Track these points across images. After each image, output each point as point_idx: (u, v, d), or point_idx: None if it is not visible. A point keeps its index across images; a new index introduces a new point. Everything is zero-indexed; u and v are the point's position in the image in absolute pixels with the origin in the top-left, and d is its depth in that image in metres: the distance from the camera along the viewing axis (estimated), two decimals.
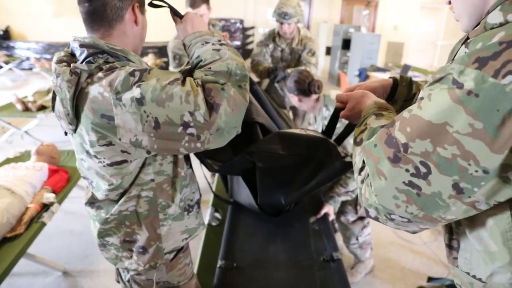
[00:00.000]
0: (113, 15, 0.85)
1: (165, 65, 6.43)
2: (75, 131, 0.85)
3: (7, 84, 6.81)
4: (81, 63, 0.81)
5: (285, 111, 1.88)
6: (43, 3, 7.99)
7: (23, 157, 2.61)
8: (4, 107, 3.79)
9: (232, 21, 8.50)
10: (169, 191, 0.99)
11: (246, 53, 8.70)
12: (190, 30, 0.93)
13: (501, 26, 0.51)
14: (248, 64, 2.50)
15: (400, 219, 0.57)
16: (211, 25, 2.57)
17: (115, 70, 0.79)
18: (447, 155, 0.49)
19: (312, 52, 2.72)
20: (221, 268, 1.42)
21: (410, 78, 0.94)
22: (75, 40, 0.85)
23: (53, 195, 1.98)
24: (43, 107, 3.72)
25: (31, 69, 7.65)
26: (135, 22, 0.89)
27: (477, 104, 0.46)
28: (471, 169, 0.48)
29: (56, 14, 8.11)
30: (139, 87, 0.76)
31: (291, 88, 1.89)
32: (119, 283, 1.13)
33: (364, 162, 0.62)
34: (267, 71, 2.73)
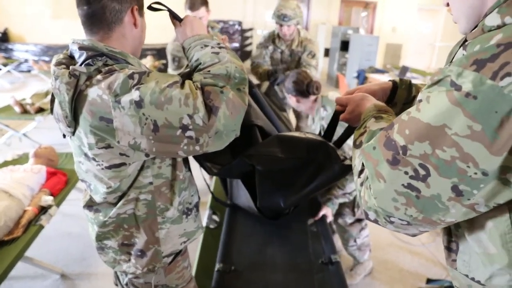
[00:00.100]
0: (112, 18, 0.84)
1: (163, 67, 6.43)
2: (73, 133, 0.85)
3: (5, 86, 6.79)
4: (80, 65, 0.81)
5: (285, 114, 1.88)
6: (42, 5, 7.99)
7: (21, 159, 2.59)
8: (2, 110, 3.77)
9: (230, 23, 8.51)
10: (168, 194, 0.98)
11: (244, 55, 8.71)
12: (189, 33, 0.93)
13: (498, 28, 0.51)
14: (248, 66, 2.50)
15: (399, 222, 0.57)
16: (210, 27, 2.57)
17: (114, 72, 0.78)
18: (446, 157, 0.49)
19: (312, 54, 2.72)
20: (219, 271, 1.42)
21: (409, 81, 0.94)
22: (74, 42, 0.85)
23: (51, 198, 1.97)
24: (41, 110, 3.71)
25: (30, 71, 7.63)
26: (134, 24, 0.89)
27: (475, 106, 0.46)
28: (470, 171, 0.48)
29: (54, 16, 8.10)
30: (138, 89, 0.76)
31: (289, 89, 1.89)
32: (117, 286, 1.13)
33: (363, 164, 0.62)
34: (267, 74, 2.72)
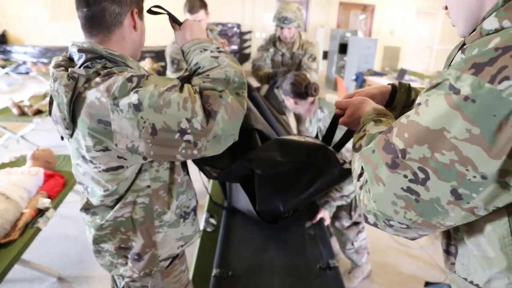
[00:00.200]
0: (112, 21, 0.84)
1: (162, 70, 6.43)
2: (71, 136, 0.85)
3: (4, 88, 6.78)
4: (79, 68, 0.81)
5: (284, 117, 1.88)
6: (40, 7, 7.98)
7: (19, 162, 2.58)
8: (0, 112, 3.76)
9: (229, 26, 8.53)
10: (165, 198, 0.98)
11: (243, 57, 8.72)
12: (188, 37, 0.93)
13: (496, 32, 0.51)
14: (246, 68, 2.50)
15: (399, 225, 0.57)
16: (209, 30, 2.58)
17: (112, 75, 0.78)
18: (445, 161, 0.49)
19: (313, 57, 2.72)
20: (216, 276, 1.40)
21: (408, 84, 0.95)
22: (73, 44, 0.85)
23: (49, 200, 1.96)
24: (39, 112, 3.70)
25: (28, 73, 7.60)
26: (134, 27, 0.89)
27: (474, 109, 0.46)
28: (469, 174, 0.48)
29: (53, 18, 8.10)
30: (137, 93, 0.76)
31: (287, 90, 1.89)
32: None
33: (362, 168, 0.62)
34: (267, 77, 2.73)
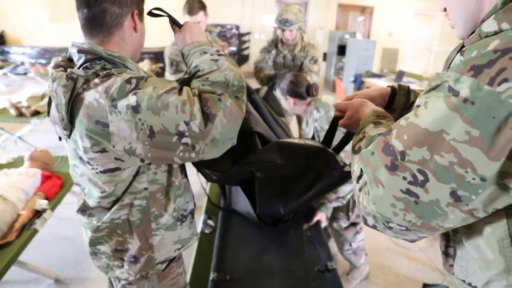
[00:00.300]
0: (112, 22, 0.84)
1: (161, 71, 6.43)
2: (69, 136, 0.84)
3: (1, 89, 6.75)
4: (78, 68, 0.81)
5: (283, 119, 1.88)
6: (38, 8, 7.97)
7: (16, 163, 2.57)
8: None
9: (228, 27, 8.53)
10: (162, 200, 0.97)
11: (241, 58, 8.73)
12: (189, 39, 0.93)
13: (495, 34, 0.51)
14: (245, 70, 2.50)
15: (398, 228, 0.57)
16: (207, 31, 2.58)
17: (111, 76, 0.78)
18: (444, 163, 0.49)
19: (314, 59, 2.74)
20: (214, 281, 1.38)
21: (408, 87, 0.95)
22: (73, 45, 0.85)
23: (46, 202, 1.95)
24: (37, 113, 3.68)
25: (26, 74, 7.59)
26: (134, 29, 0.89)
27: (473, 111, 0.46)
28: (468, 176, 0.48)
29: (51, 19, 8.08)
30: (135, 94, 0.75)
31: (287, 90, 1.87)
32: None
33: (362, 170, 0.61)
34: (268, 78, 2.74)
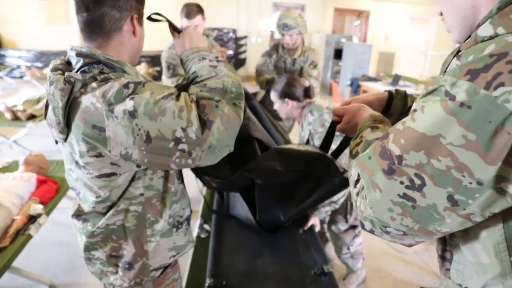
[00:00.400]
0: (112, 26, 0.84)
1: (157, 74, 6.43)
2: (65, 140, 0.84)
3: None
4: (76, 72, 0.80)
5: (281, 123, 1.88)
6: (35, 11, 7.96)
7: (11, 167, 2.55)
8: None
9: (225, 31, 8.56)
10: (158, 207, 0.96)
11: (238, 62, 8.75)
12: (188, 45, 0.93)
13: (491, 39, 0.52)
14: (244, 73, 2.50)
15: (395, 232, 0.56)
16: (205, 35, 2.58)
17: (109, 81, 0.78)
18: (441, 167, 0.49)
19: (314, 64, 2.74)
20: (210, 287, 1.37)
21: (405, 91, 0.95)
22: (72, 49, 0.84)
23: (41, 207, 1.93)
24: (33, 116, 3.66)
25: (22, 78, 7.57)
26: (133, 33, 0.89)
27: (470, 115, 0.46)
28: (465, 181, 0.48)
29: (47, 22, 8.07)
30: (132, 99, 0.75)
31: (283, 93, 1.85)
32: None
33: (359, 174, 0.61)
34: (266, 82, 2.74)
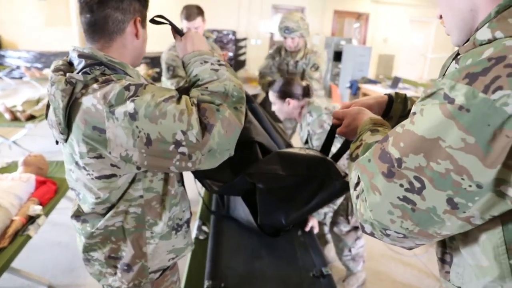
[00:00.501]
0: (114, 28, 0.84)
1: (157, 76, 6.43)
2: (66, 141, 0.84)
3: None
4: (78, 73, 0.81)
5: (280, 124, 1.88)
6: (35, 12, 7.96)
7: (10, 167, 2.55)
8: None
9: (224, 33, 8.57)
10: (158, 209, 0.96)
11: (238, 64, 8.75)
12: (190, 48, 0.93)
13: (489, 42, 0.52)
14: (244, 75, 2.51)
15: (395, 235, 0.56)
16: (204, 37, 2.59)
17: (110, 82, 0.78)
18: (441, 170, 0.49)
19: (315, 66, 2.74)
20: None
21: (405, 95, 0.95)
22: (74, 49, 0.85)
23: (40, 207, 1.93)
24: (32, 117, 3.65)
25: (21, 78, 7.56)
26: (136, 35, 0.89)
27: (468, 119, 0.46)
28: (464, 183, 0.48)
29: (47, 23, 8.08)
30: (133, 102, 0.75)
31: (283, 92, 1.84)
32: None
33: (359, 177, 0.61)
34: (268, 84, 2.75)
